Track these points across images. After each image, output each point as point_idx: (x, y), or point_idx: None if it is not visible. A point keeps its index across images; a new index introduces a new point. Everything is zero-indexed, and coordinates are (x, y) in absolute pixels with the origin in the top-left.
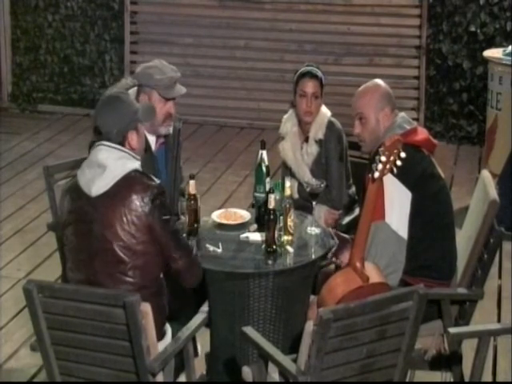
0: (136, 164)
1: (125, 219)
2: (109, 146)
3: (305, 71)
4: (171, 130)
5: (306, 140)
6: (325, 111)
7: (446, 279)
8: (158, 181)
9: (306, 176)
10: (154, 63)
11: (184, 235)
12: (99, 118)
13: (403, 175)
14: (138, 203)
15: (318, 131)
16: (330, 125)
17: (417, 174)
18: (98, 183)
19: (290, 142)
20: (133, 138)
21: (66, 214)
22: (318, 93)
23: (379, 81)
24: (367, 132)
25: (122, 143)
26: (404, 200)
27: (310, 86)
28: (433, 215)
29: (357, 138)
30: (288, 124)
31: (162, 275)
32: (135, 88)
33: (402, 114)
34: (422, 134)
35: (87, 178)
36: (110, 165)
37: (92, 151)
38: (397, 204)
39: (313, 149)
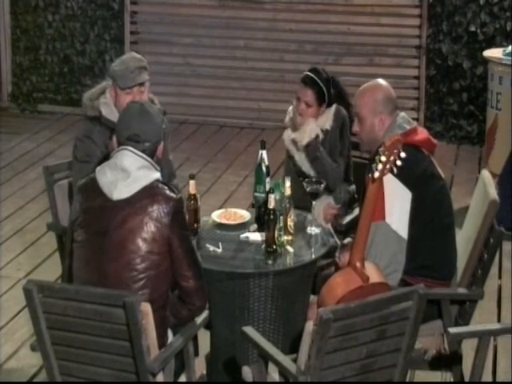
0: (158, 174)
1: (145, 228)
2: (134, 153)
3: (306, 76)
4: None
5: None
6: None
7: (446, 279)
8: (179, 194)
9: (307, 165)
10: (122, 57)
11: (199, 256)
12: (138, 126)
13: (403, 175)
14: (159, 213)
15: (325, 122)
16: (337, 113)
17: (417, 174)
18: (120, 188)
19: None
20: (160, 149)
21: (80, 212)
22: (310, 102)
23: (381, 82)
24: (364, 132)
25: (153, 153)
26: (404, 200)
27: (303, 94)
28: (433, 215)
29: (356, 135)
30: (293, 114)
31: (169, 291)
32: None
33: (402, 114)
34: (422, 133)
35: (109, 179)
36: (133, 172)
37: (115, 154)
38: (397, 204)
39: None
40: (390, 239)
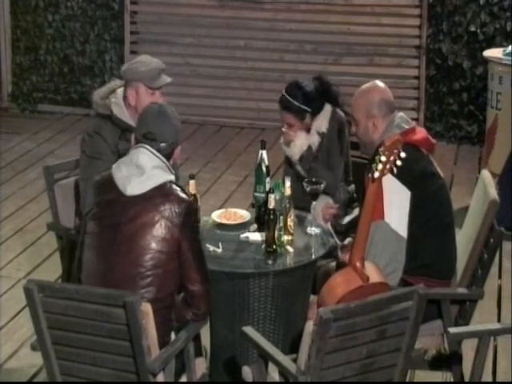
0: (172, 177)
1: (156, 225)
2: (150, 152)
3: (281, 98)
4: None
5: (308, 131)
6: (327, 107)
7: (446, 278)
8: (191, 197)
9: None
10: (138, 58)
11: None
12: (155, 125)
13: (402, 174)
14: (170, 213)
15: (321, 124)
16: (333, 115)
17: (415, 173)
18: (134, 184)
19: None
20: (177, 153)
21: (94, 204)
22: (291, 122)
23: (377, 85)
24: (359, 134)
25: (169, 155)
26: (403, 199)
27: (282, 116)
28: (432, 214)
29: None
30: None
31: (175, 293)
32: (122, 88)
33: (401, 113)
34: (421, 133)
35: (123, 174)
36: (148, 169)
37: (132, 150)
38: (396, 203)
39: (314, 139)
40: (389, 238)
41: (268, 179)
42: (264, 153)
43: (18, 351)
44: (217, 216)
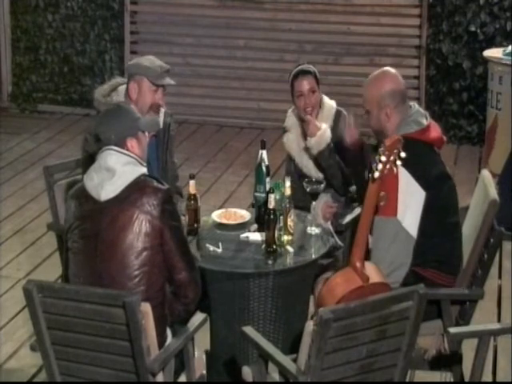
0: (144, 169)
1: (136, 223)
2: (117, 151)
3: (296, 72)
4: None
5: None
6: (330, 102)
7: (454, 274)
8: (166, 185)
9: (309, 167)
10: (145, 57)
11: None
12: (99, 125)
13: (419, 174)
14: (149, 206)
15: (326, 122)
16: (338, 114)
17: (432, 175)
18: (107, 188)
19: (294, 134)
20: (133, 145)
21: (73, 219)
22: (314, 87)
23: (388, 72)
24: (372, 124)
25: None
26: (418, 199)
27: (304, 84)
28: (444, 214)
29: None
30: (293, 117)
31: (165, 287)
32: (124, 86)
33: (417, 107)
34: (435, 130)
35: (95, 182)
36: (118, 169)
37: (100, 155)
38: (410, 203)
39: None
40: (399, 236)
41: (268, 179)
42: (264, 153)
43: (17, 351)
44: (217, 216)
